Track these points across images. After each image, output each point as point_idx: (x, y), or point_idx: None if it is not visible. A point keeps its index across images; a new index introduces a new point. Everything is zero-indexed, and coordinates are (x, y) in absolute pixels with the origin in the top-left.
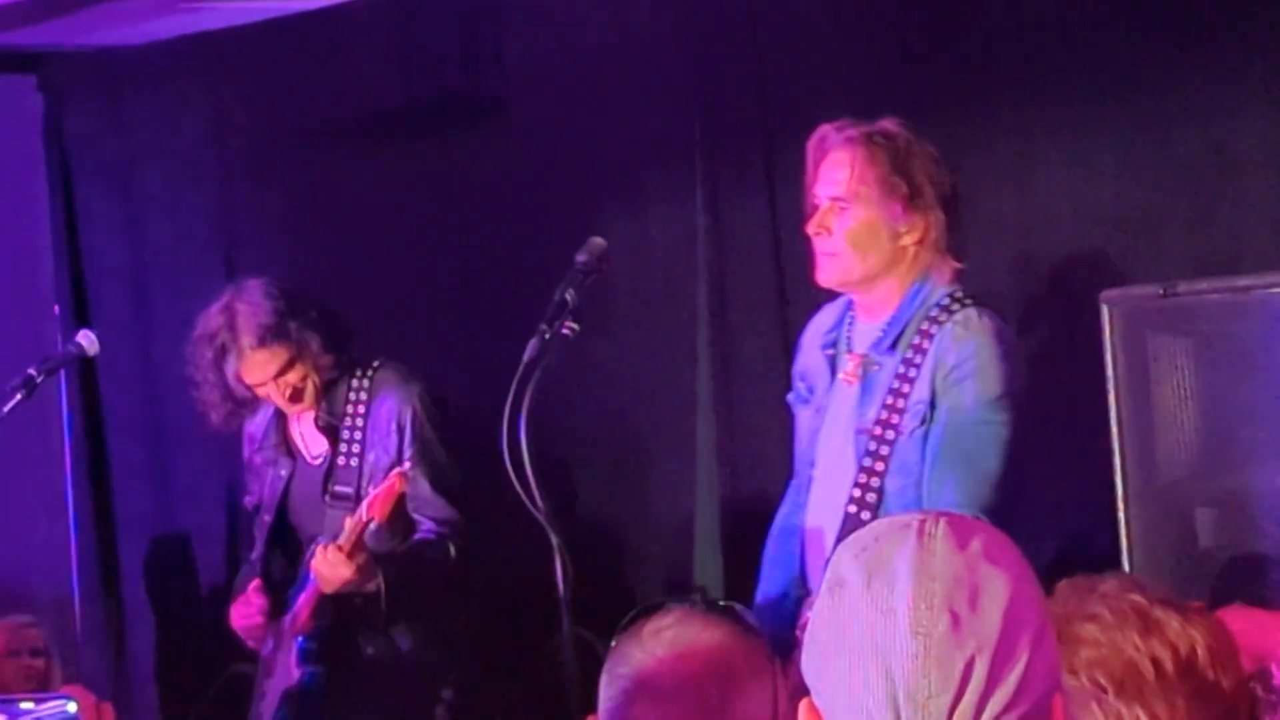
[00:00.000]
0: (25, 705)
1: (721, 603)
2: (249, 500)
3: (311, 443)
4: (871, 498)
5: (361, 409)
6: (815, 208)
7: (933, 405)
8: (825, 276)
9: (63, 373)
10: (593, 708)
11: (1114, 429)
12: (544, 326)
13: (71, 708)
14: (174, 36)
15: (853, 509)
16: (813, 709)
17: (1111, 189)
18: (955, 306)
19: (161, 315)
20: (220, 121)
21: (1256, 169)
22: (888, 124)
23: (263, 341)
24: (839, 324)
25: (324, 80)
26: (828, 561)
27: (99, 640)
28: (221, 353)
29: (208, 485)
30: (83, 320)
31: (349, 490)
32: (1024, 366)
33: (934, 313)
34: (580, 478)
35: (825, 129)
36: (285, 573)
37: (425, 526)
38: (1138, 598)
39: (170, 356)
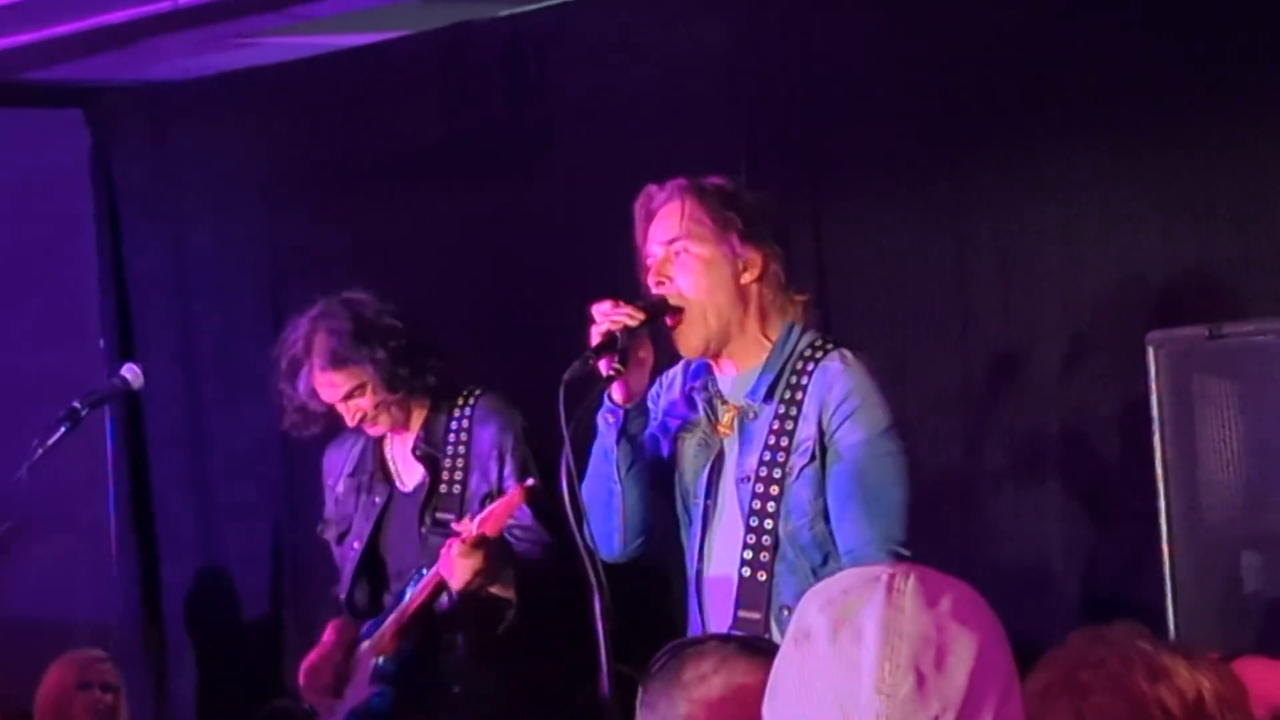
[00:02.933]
0: None
1: (756, 638)
2: (327, 531)
3: (406, 471)
4: (765, 556)
5: (464, 436)
6: (648, 266)
7: (822, 442)
8: (685, 345)
9: (107, 405)
10: None
11: (1159, 470)
12: (589, 353)
13: None
14: (220, 71)
15: (746, 572)
16: None
17: (1156, 231)
18: (824, 349)
19: (206, 349)
20: (266, 156)
21: None
22: (714, 178)
23: (332, 365)
24: (700, 374)
25: (369, 114)
26: (737, 622)
27: (140, 672)
28: (295, 367)
29: (251, 519)
30: (128, 353)
31: (451, 517)
32: (896, 403)
33: (803, 359)
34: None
35: (649, 189)
36: (368, 604)
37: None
38: (1144, 645)
39: (214, 390)
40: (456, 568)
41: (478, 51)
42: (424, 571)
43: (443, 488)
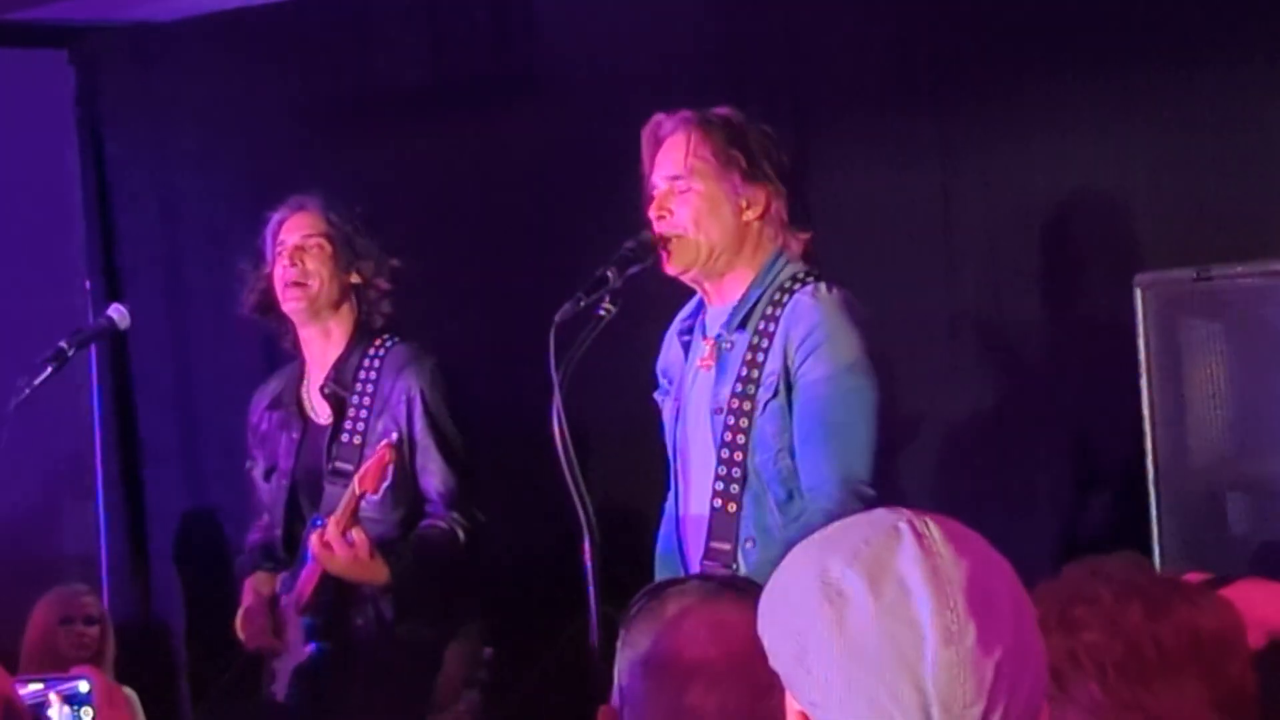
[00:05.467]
0: (35, 686)
1: (737, 577)
2: (255, 468)
3: (320, 409)
4: (735, 488)
5: (371, 386)
6: (652, 196)
7: (787, 378)
8: (672, 263)
9: (93, 346)
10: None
11: (1146, 413)
12: (580, 295)
13: (83, 687)
14: (207, 12)
15: (718, 503)
16: None
17: (1145, 173)
18: (802, 281)
19: (192, 290)
20: (253, 97)
21: None
22: (722, 109)
23: (318, 209)
24: (693, 314)
25: (356, 55)
26: (709, 551)
27: (128, 606)
28: (280, 211)
29: (238, 460)
30: (114, 295)
31: (349, 468)
32: (876, 336)
33: (781, 290)
34: (604, 456)
35: (658, 118)
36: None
37: (432, 504)
38: (1140, 578)
39: (201, 330)
40: (324, 556)
41: None
42: (319, 520)
43: (344, 436)
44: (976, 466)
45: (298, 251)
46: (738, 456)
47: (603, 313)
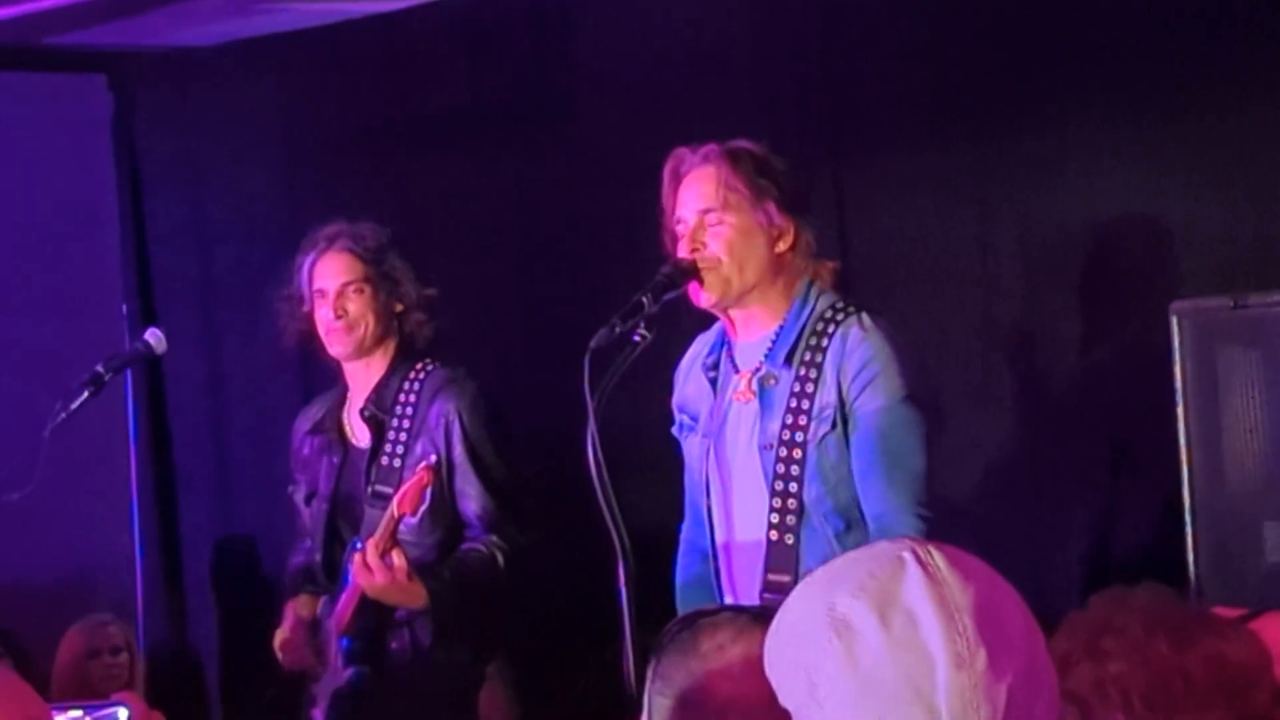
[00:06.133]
0: (74, 713)
1: (770, 608)
2: (296, 492)
3: (360, 433)
4: (791, 519)
5: (410, 409)
6: (677, 233)
7: (843, 410)
8: (705, 294)
9: (129, 371)
10: None
11: (1182, 441)
12: (616, 321)
13: (122, 715)
14: (244, 37)
15: (774, 535)
16: None
17: (1181, 200)
18: (844, 313)
19: (228, 316)
20: (288, 122)
21: None
22: (743, 141)
23: (349, 249)
24: (716, 348)
25: (392, 81)
26: (768, 584)
27: (161, 638)
28: (309, 250)
29: (271, 484)
30: (150, 319)
31: (389, 491)
32: (922, 364)
33: (823, 322)
34: (637, 483)
35: (680, 152)
36: (339, 564)
37: (471, 528)
38: (1167, 609)
39: (237, 354)
40: (363, 578)
41: (502, 19)
42: (359, 543)
43: (384, 459)
44: (1012, 493)
45: (339, 299)
46: (792, 488)
47: (638, 339)
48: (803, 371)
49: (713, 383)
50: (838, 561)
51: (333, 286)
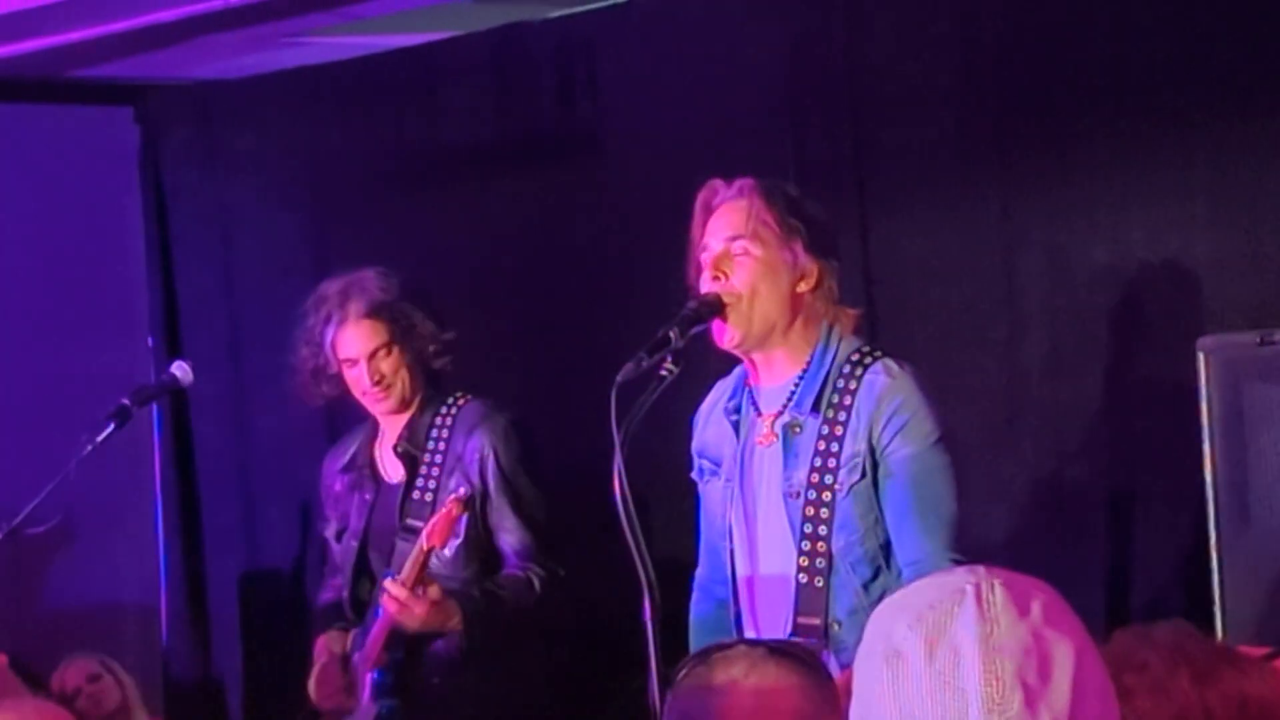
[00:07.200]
0: None
1: (784, 642)
2: (327, 529)
3: (391, 470)
4: (821, 563)
5: (443, 444)
6: (702, 262)
7: (872, 457)
8: (726, 334)
9: (155, 404)
10: None
11: (1209, 476)
12: (642, 355)
13: None
14: (270, 71)
15: (804, 579)
16: None
17: (1208, 237)
18: (870, 359)
19: (253, 348)
20: (314, 156)
21: None
22: (778, 180)
23: (368, 314)
24: (738, 391)
25: (418, 115)
26: (797, 627)
27: (184, 668)
28: (326, 321)
29: (297, 518)
30: (175, 352)
31: (420, 524)
32: (944, 408)
33: (849, 366)
34: (663, 517)
35: (714, 183)
36: (368, 600)
37: (509, 559)
38: (1189, 645)
39: (261, 388)
40: (395, 611)
41: (528, 52)
42: (391, 574)
43: (416, 493)
44: (1038, 530)
45: (371, 365)
46: (821, 531)
47: (665, 373)
48: (830, 417)
49: (735, 426)
50: (915, 584)
51: (362, 355)
